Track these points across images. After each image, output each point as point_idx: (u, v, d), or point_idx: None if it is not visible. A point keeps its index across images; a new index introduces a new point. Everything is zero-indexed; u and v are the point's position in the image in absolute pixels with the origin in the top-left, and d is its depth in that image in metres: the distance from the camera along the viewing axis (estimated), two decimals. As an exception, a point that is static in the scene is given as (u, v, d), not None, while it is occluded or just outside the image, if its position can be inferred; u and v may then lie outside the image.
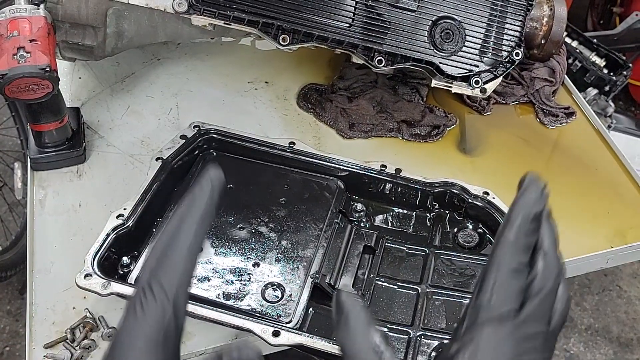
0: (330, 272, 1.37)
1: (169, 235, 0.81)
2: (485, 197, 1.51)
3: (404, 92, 1.91)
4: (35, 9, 1.49)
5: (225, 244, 1.39)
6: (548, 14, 1.73)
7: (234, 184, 1.51)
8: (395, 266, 1.46)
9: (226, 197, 1.45)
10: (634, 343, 3.45)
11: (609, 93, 3.63)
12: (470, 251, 1.50)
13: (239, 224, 1.43)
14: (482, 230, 1.53)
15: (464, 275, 1.44)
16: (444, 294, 1.40)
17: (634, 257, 1.71)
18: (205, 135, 1.57)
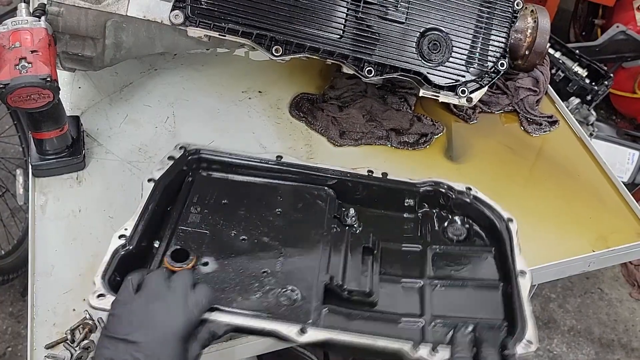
0: (337, 274, 1.37)
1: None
2: (469, 192, 1.51)
3: (392, 101, 1.91)
4: (37, 21, 1.49)
5: (231, 256, 1.37)
6: (532, 25, 1.74)
7: (228, 200, 1.49)
8: (395, 264, 1.46)
9: (222, 213, 1.45)
10: (615, 344, 3.45)
11: (590, 102, 3.64)
12: (461, 243, 1.51)
13: (241, 237, 1.41)
14: (469, 224, 1.54)
15: (460, 264, 1.45)
16: (445, 283, 1.41)
17: (615, 260, 1.72)
18: (193, 156, 1.55)
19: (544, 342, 3.41)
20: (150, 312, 1.15)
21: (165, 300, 1.17)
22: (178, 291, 1.18)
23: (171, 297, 1.17)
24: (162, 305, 1.16)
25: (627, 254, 1.71)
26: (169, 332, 1.14)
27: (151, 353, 1.11)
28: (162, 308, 1.16)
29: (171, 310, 1.16)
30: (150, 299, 1.17)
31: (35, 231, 1.53)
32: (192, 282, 1.21)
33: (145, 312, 1.15)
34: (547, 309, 3.55)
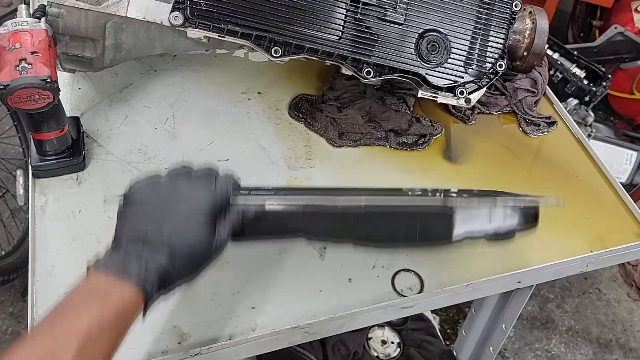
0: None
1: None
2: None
3: (391, 102, 1.91)
4: (37, 22, 1.49)
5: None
6: (530, 27, 1.74)
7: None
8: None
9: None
10: (613, 344, 3.45)
11: (588, 103, 3.65)
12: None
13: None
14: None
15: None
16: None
17: (613, 261, 1.72)
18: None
19: (542, 342, 3.41)
20: (176, 190, 1.17)
21: (190, 181, 1.19)
22: (203, 175, 1.21)
23: (196, 179, 1.20)
24: (188, 183, 1.19)
25: (625, 255, 1.71)
26: (196, 207, 1.15)
27: (178, 225, 1.13)
28: (188, 186, 1.18)
29: (197, 188, 1.18)
30: (175, 177, 1.19)
31: (36, 232, 1.53)
32: (215, 171, 1.23)
33: (171, 190, 1.18)
34: (546, 309, 3.56)
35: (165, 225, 1.12)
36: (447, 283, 1.55)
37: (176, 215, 1.14)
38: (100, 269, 1.07)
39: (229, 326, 1.41)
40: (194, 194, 1.17)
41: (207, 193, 1.18)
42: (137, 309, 1.06)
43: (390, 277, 1.54)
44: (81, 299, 1.03)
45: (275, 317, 1.43)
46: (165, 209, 1.14)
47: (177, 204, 1.15)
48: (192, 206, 1.16)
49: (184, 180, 1.19)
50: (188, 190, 1.18)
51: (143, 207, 1.15)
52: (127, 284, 1.05)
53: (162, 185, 1.19)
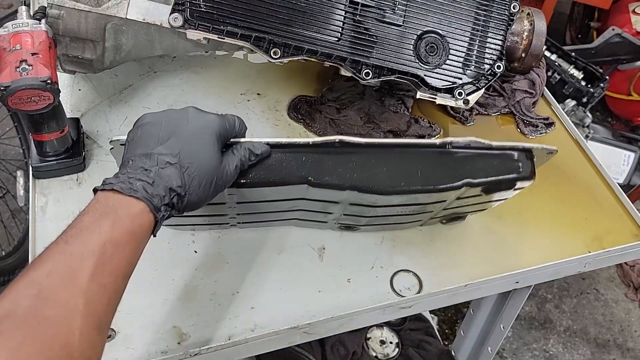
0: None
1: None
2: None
3: (390, 103, 1.91)
4: (37, 24, 1.49)
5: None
6: (528, 28, 1.74)
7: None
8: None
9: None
10: (611, 344, 3.45)
11: (586, 104, 3.65)
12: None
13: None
14: None
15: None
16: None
17: (611, 261, 1.72)
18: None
19: (540, 342, 3.42)
20: (185, 113, 1.19)
21: (198, 110, 1.22)
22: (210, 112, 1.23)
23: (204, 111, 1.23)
24: (196, 110, 1.21)
25: (622, 255, 1.71)
26: (203, 125, 1.18)
27: (187, 142, 1.14)
28: (197, 111, 1.21)
29: (206, 114, 1.21)
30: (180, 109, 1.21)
31: (36, 232, 1.53)
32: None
33: (180, 113, 1.19)
34: (544, 309, 3.56)
35: (173, 143, 1.13)
36: (446, 283, 1.55)
37: (186, 133, 1.15)
38: (107, 187, 1.07)
39: (229, 326, 1.41)
40: (204, 116, 1.20)
41: (217, 117, 1.20)
42: (148, 224, 1.07)
43: (388, 278, 1.54)
44: (92, 217, 1.03)
45: (274, 317, 1.43)
46: (173, 128, 1.15)
47: (186, 124, 1.16)
48: (202, 126, 1.17)
49: (193, 108, 1.21)
50: (197, 114, 1.20)
51: (152, 127, 1.16)
52: (135, 200, 1.06)
53: (171, 111, 1.20)
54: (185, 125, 1.16)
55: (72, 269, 0.95)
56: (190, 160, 1.12)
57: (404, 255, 1.59)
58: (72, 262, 0.96)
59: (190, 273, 1.49)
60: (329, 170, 1.28)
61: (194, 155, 1.13)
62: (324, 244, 1.58)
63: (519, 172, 1.36)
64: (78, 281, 0.94)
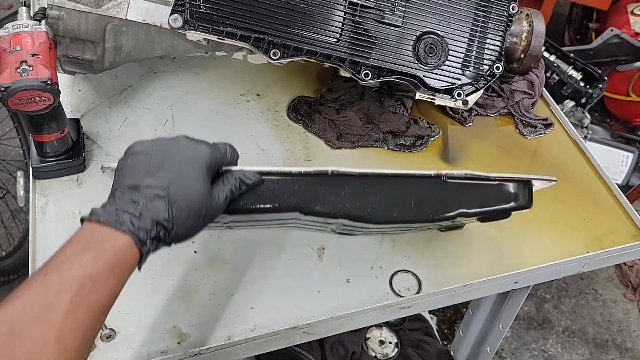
0: None
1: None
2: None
3: (389, 104, 1.91)
4: (37, 25, 1.49)
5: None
6: (527, 29, 1.74)
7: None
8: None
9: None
10: (609, 344, 3.45)
11: (585, 105, 3.65)
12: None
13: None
14: None
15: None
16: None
17: (609, 261, 1.72)
18: None
19: (539, 342, 3.42)
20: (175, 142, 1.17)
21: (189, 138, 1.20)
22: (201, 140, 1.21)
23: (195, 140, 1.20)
24: (187, 139, 1.19)
25: (621, 255, 1.71)
26: (194, 156, 1.15)
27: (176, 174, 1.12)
28: (187, 141, 1.19)
29: (196, 142, 1.19)
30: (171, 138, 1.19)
31: (36, 233, 1.53)
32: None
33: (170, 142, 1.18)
34: (542, 309, 3.56)
35: (162, 175, 1.11)
36: (445, 284, 1.55)
37: (175, 165, 1.13)
38: (94, 219, 1.06)
39: (228, 326, 1.41)
40: (194, 147, 1.17)
41: (208, 148, 1.18)
42: (132, 259, 1.05)
43: (388, 278, 1.54)
44: (74, 249, 1.02)
45: (274, 318, 1.43)
46: (162, 159, 1.13)
47: (175, 155, 1.14)
48: (191, 157, 1.15)
49: (184, 137, 1.19)
50: (188, 144, 1.17)
51: (142, 157, 1.14)
52: (121, 234, 1.03)
53: (162, 140, 1.18)
54: (175, 156, 1.14)
55: (47, 304, 0.93)
56: (179, 193, 1.10)
57: (403, 256, 1.59)
58: (49, 296, 0.94)
59: (190, 273, 1.49)
60: (321, 199, 1.27)
61: (183, 188, 1.11)
62: (323, 244, 1.58)
63: (516, 201, 1.35)
64: (52, 316, 0.92)
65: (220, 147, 1.21)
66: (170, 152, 1.15)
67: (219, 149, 1.20)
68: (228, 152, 1.23)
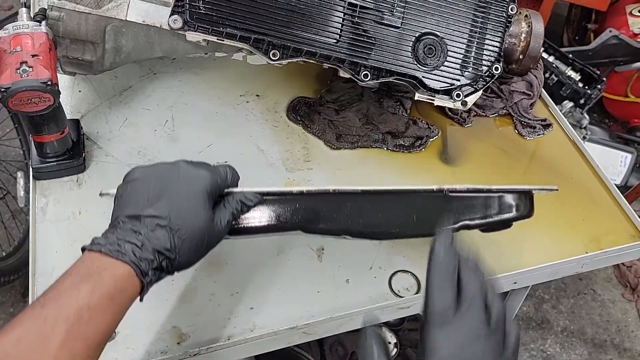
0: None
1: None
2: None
3: (388, 104, 1.91)
4: (37, 26, 1.49)
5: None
6: (526, 30, 1.74)
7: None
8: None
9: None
10: (608, 344, 3.45)
11: (584, 106, 3.65)
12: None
13: None
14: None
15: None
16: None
17: (608, 262, 1.72)
18: None
19: (538, 342, 3.42)
20: (175, 169, 1.15)
21: (190, 164, 1.17)
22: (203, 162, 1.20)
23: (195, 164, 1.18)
24: (187, 164, 1.16)
25: (619, 256, 1.71)
26: (194, 183, 1.13)
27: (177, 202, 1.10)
28: (187, 166, 1.16)
29: (196, 168, 1.16)
30: (174, 161, 1.17)
31: (36, 233, 1.53)
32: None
33: (169, 168, 1.15)
34: (541, 309, 3.56)
35: (163, 204, 1.09)
36: (444, 284, 1.55)
37: (176, 192, 1.11)
38: (95, 248, 1.05)
39: (228, 326, 1.41)
40: (194, 173, 1.15)
41: (207, 174, 1.16)
42: (133, 289, 1.04)
43: (387, 278, 1.54)
44: (73, 280, 1.00)
45: (273, 318, 1.43)
46: (163, 188, 1.12)
47: (176, 182, 1.13)
48: (192, 185, 1.13)
49: (184, 162, 1.17)
50: (188, 170, 1.15)
51: (141, 185, 1.13)
52: (122, 265, 1.02)
53: (162, 166, 1.16)
54: (176, 184, 1.13)
55: (43, 336, 0.92)
56: (181, 222, 1.09)
57: (402, 256, 1.59)
58: (44, 327, 0.93)
59: (190, 273, 1.49)
60: (323, 217, 1.26)
61: (185, 217, 1.10)
62: (322, 244, 1.58)
63: (517, 212, 1.35)
64: (47, 349, 0.91)
65: (220, 171, 1.20)
66: (170, 179, 1.14)
67: (219, 173, 1.19)
68: (228, 175, 1.21)
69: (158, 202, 1.10)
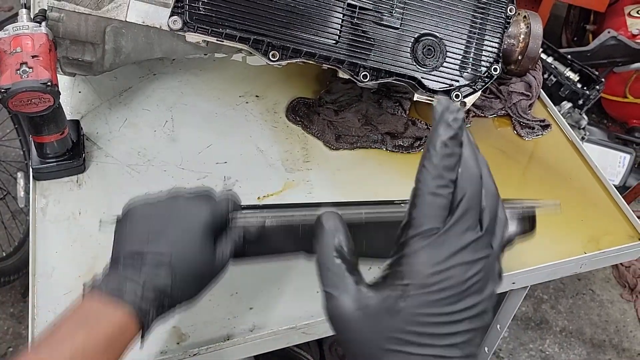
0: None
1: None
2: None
3: (387, 105, 1.91)
4: (37, 27, 1.49)
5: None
6: (525, 31, 1.74)
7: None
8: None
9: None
10: (606, 344, 3.45)
11: (582, 106, 3.65)
12: None
13: None
14: None
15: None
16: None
17: (607, 262, 1.72)
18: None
19: (537, 342, 3.42)
20: (174, 205, 1.12)
21: (188, 197, 1.14)
22: (202, 192, 1.17)
23: (195, 196, 1.15)
24: (186, 200, 1.14)
25: (618, 256, 1.71)
26: (194, 221, 1.10)
27: (177, 241, 1.07)
28: (186, 202, 1.13)
29: (196, 203, 1.13)
30: (173, 195, 1.14)
31: (36, 233, 1.53)
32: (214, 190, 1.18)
33: (168, 205, 1.13)
34: (540, 309, 3.56)
35: (164, 241, 1.07)
36: (443, 284, 1.54)
37: (175, 231, 1.09)
38: (95, 290, 1.02)
39: (227, 327, 1.40)
40: (194, 208, 1.13)
41: (207, 208, 1.13)
42: (132, 332, 1.02)
43: (386, 278, 1.54)
44: (70, 324, 0.97)
45: (273, 318, 1.43)
46: (163, 225, 1.09)
47: (176, 219, 1.10)
48: (192, 221, 1.11)
49: (182, 196, 1.15)
50: (187, 205, 1.13)
51: (140, 223, 1.11)
52: (122, 306, 1.00)
53: (160, 201, 1.14)
54: (176, 221, 1.10)
55: None
56: (182, 260, 1.07)
57: (402, 256, 1.58)
58: None
59: (190, 274, 1.49)
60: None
61: (186, 255, 1.07)
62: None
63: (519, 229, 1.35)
64: None
65: (221, 204, 1.16)
66: (169, 217, 1.11)
67: (220, 206, 1.15)
68: (230, 206, 1.17)
69: (158, 240, 1.07)
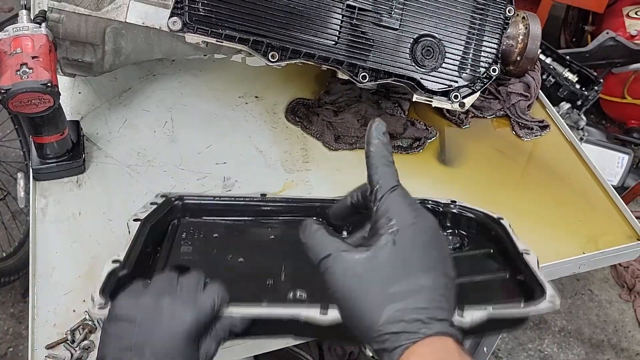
0: None
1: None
2: (455, 205, 1.48)
3: (386, 106, 1.91)
4: (37, 28, 1.49)
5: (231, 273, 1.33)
6: (523, 32, 1.74)
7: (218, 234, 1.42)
8: None
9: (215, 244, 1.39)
10: (605, 344, 3.45)
11: (581, 107, 3.65)
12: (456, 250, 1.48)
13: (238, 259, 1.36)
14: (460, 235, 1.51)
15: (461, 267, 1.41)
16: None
17: (605, 262, 1.72)
18: (176, 203, 1.46)
19: (535, 342, 3.41)
20: (158, 308, 1.10)
21: (174, 296, 1.12)
22: (189, 288, 1.14)
23: (181, 293, 1.13)
24: (171, 300, 1.12)
25: (616, 256, 1.71)
26: (178, 329, 1.09)
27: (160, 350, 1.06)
28: (171, 304, 1.11)
29: (181, 306, 1.11)
30: (159, 292, 1.12)
31: (36, 233, 1.53)
32: (203, 281, 1.16)
33: (153, 308, 1.11)
34: (539, 309, 3.55)
35: (147, 350, 1.06)
36: (442, 284, 1.54)
37: (159, 337, 1.08)
38: None
39: (227, 327, 1.40)
40: (178, 312, 1.11)
41: (192, 313, 1.11)
42: None
43: (385, 279, 1.54)
44: None
45: (272, 318, 1.43)
46: (147, 331, 1.08)
47: (160, 326, 1.09)
48: (176, 327, 1.09)
49: (167, 296, 1.12)
50: (172, 309, 1.11)
51: (125, 326, 1.09)
52: None
53: (145, 301, 1.12)
54: (159, 329, 1.09)
55: None
56: None
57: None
58: None
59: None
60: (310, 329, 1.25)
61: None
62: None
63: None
64: None
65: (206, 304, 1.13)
66: (153, 322, 1.09)
67: (204, 308, 1.12)
68: (216, 304, 1.14)
69: (143, 350, 1.07)
